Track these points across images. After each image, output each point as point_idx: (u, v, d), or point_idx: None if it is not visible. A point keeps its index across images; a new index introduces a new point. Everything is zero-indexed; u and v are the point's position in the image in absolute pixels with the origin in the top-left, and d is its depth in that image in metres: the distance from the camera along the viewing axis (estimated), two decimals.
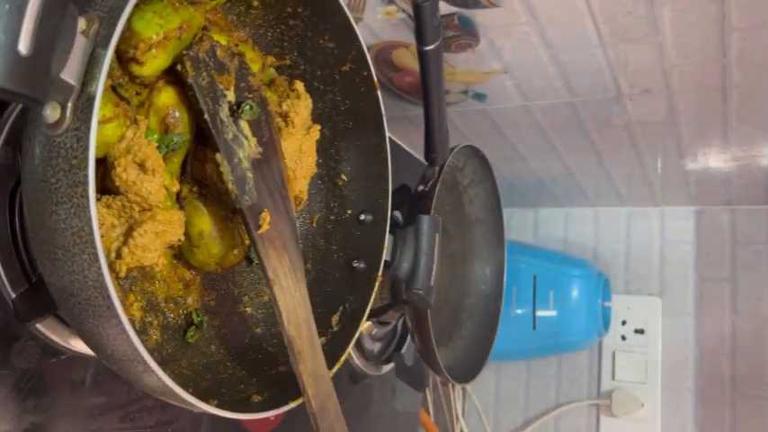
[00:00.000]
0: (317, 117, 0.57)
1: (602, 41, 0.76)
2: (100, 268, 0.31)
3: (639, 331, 1.40)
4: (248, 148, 0.43)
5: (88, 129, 0.30)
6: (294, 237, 0.44)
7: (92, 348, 0.36)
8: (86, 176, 0.30)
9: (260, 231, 0.42)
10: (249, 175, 0.42)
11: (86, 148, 0.30)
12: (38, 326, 0.48)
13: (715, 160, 1.14)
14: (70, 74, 0.30)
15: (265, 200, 0.43)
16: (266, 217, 0.42)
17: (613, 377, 1.40)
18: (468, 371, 0.81)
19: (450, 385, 1.40)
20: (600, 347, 1.42)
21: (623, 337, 1.41)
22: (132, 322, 0.36)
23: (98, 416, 0.53)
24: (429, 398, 1.34)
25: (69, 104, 0.31)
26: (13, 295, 0.46)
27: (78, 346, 0.50)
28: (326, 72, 0.55)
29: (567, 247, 1.51)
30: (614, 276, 1.43)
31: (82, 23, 0.31)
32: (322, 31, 0.52)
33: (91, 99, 0.31)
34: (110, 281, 0.31)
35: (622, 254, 1.47)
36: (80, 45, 0.31)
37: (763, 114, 0.92)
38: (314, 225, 0.59)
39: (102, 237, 0.34)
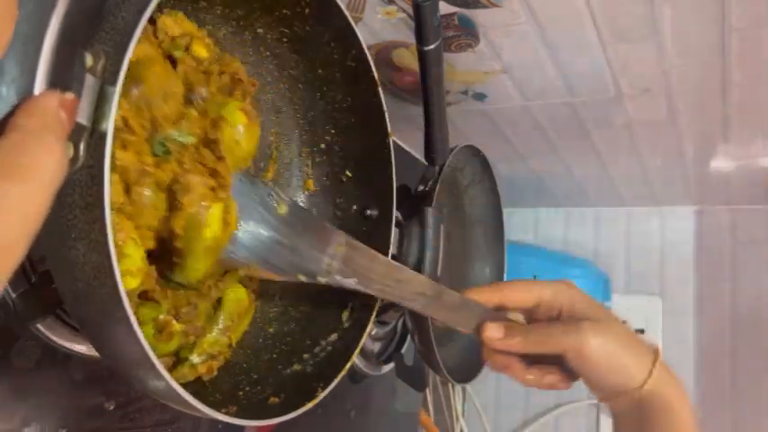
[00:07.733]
0: (319, 114, 0.57)
1: (602, 41, 0.76)
2: (121, 301, 0.31)
3: (639, 331, 1.40)
4: None
5: (102, 167, 0.30)
6: None
7: (114, 368, 0.37)
8: (103, 214, 0.30)
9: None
10: None
11: (101, 186, 0.30)
12: (38, 326, 0.48)
13: (715, 160, 1.14)
14: (81, 114, 0.30)
15: None
16: None
17: None
18: (468, 371, 0.81)
19: (450, 385, 1.40)
20: None
21: None
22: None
23: (98, 416, 0.53)
24: (429, 398, 1.34)
25: (82, 144, 0.31)
26: (14, 295, 0.46)
27: (78, 346, 0.51)
28: (327, 70, 0.55)
29: (567, 247, 1.51)
30: (614, 276, 1.43)
31: (89, 60, 0.31)
32: (321, 31, 0.52)
33: (103, 137, 0.30)
34: (132, 314, 0.31)
35: (622, 254, 1.47)
36: (89, 84, 0.31)
37: (763, 114, 0.92)
38: None
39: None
